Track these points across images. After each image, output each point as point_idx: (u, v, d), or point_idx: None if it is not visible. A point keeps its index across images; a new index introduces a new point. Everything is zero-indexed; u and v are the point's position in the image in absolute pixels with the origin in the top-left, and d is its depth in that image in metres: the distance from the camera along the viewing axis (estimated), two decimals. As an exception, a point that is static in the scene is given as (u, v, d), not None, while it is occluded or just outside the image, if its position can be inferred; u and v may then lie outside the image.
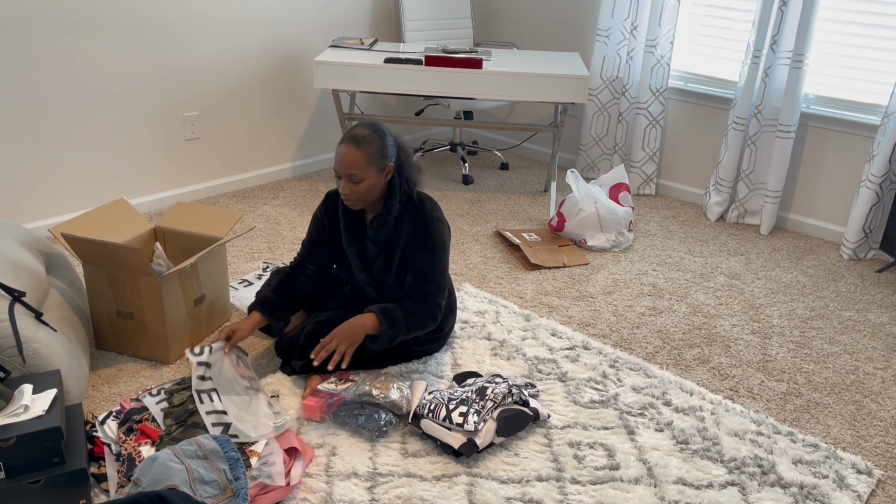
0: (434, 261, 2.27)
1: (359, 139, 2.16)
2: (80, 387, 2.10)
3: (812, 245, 3.67)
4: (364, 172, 2.16)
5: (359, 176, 2.16)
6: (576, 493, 1.95)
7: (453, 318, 2.55)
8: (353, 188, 2.18)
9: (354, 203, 2.23)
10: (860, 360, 2.68)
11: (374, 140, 2.18)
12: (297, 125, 4.17)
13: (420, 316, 2.26)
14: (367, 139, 2.17)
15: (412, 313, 2.25)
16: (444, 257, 2.30)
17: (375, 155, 2.17)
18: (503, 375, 2.30)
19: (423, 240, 2.27)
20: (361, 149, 2.15)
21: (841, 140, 3.59)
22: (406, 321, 2.23)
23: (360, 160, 2.15)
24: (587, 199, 3.45)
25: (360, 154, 2.15)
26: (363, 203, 2.24)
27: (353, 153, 2.15)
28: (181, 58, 3.52)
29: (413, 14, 4.26)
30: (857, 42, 3.45)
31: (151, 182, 3.62)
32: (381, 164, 2.19)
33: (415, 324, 2.26)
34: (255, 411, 2.07)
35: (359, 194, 2.20)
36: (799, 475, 2.06)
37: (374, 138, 2.18)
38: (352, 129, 2.20)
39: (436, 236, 2.28)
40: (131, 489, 1.74)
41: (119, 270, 2.32)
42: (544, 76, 3.45)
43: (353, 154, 2.15)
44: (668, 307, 2.98)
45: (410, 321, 2.25)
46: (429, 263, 2.27)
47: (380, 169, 2.20)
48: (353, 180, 2.17)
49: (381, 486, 1.94)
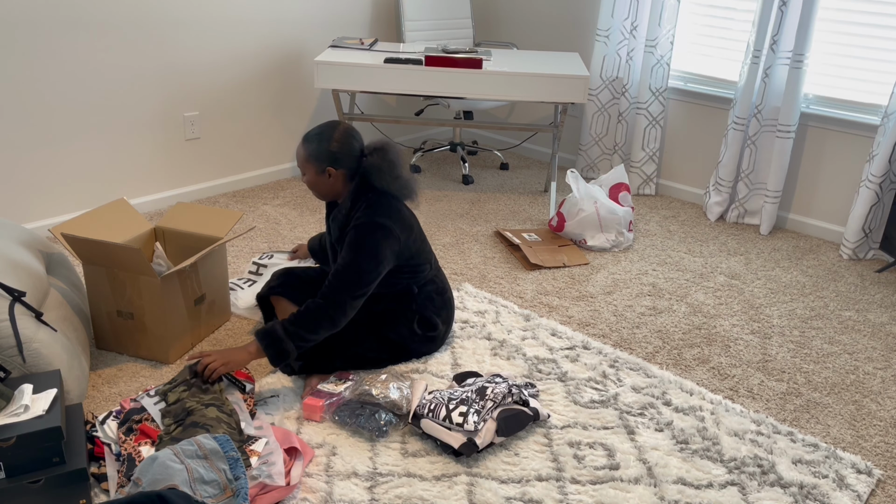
0: (350, 260, 2.21)
1: (307, 136, 2.31)
2: (80, 387, 2.10)
3: (812, 245, 3.67)
4: (303, 167, 2.31)
5: (301, 169, 2.33)
6: (576, 492, 1.95)
7: (449, 314, 2.53)
8: (304, 180, 2.34)
9: (315, 195, 2.37)
10: (860, 359, 2.68)
11: (315, 141, 2.29)
12: (297, 125, 4.17)
13: (311, 321, 2.16)
14: (312, 139, 2.29)
15: (300, 320, 2.15)
16: (366, 263, 2.20)
17: (313, 155, 2.28)
18: (503, 375, 2.30)
19: (350, 239, 2.25)
20: (304, 145, 2.30)
21: (841, 140, 3.59)
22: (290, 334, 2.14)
23: (301, 155, 2.31)
24: (587, 199, 3.45)
25: (301, 149, 2.31)
26: (320, 196, 2.37)
27: (298, 147, 2.32)
28: (181, 58, 3.52)
29: (413, 14, 4.26)
30: (857, 42, 3.45)
31: (151, 182, 3.62)
32: (319, 166, 2.29)
33: (306, 331, 2.16)
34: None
35: (308, 186, 2.34)
36: (799, 475, 2.06)
37: (315, 140, 2.29)
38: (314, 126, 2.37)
39: (360, 237, 2.22)
40: (131, 489, 1.74)
41: (119, 270, 2.32)
42: (544, 76, 3.45)
43: (298, 148, 2.32)
44: (667, 307, 2.98)
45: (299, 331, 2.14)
46: (344, 261, 2.22)
47: (318, 170, 2.30)
48: (301, 172, 2.35)
49: (381, 485, 1.94)
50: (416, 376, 2.40)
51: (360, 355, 2.36)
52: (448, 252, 3.36)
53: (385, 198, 2.30)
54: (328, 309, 2.17)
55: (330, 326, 2.19)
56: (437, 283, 2.48)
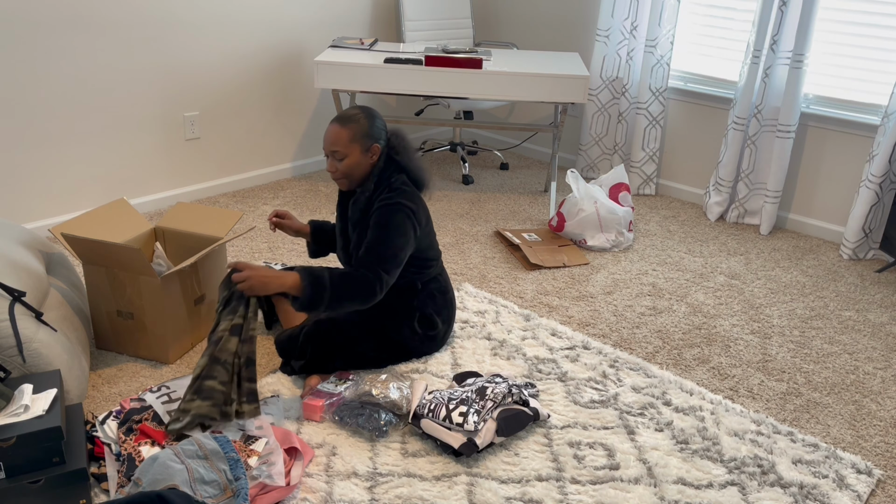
0: (382, 237, 2.22)
1: (345, 118, 2.27)
2: (80, 387, 2.10)
3: (812, 245, 3.67)
4: (346, 149, 2.25)
5: (341, 153, 2.25)
6: (576, 492, 1.95)
7: (450, 314, 2.53)
8: (336, 165, 2.28)
9: (340, 181, 2.32)
10: (860, 359, 2.68)
11: (361, 119, 2.27)
12: (297, 125, 4.17)
13: (352, 286, 2.15)
14: (354, 118, 2.27)
15: (344, 280, 2.14)
16: (397, 239, 2.22)
17: (359, 133, 2.25)
18: (503, 375, 2.30)
19: (378, 218, 2.26)
20: (346, 126, 2.25)
21: (841, 140, 3.59)
22: (333, 287, 2.12)
23: (344, 137, 2.25)
24: (587, 199, 3.45)
25: (344, 131, 2.25)
26: (348, 182, 2.31)
27: (337, 130, 2.25)
28: (181, 58, 3.52)
29: (413, 14, 4.26)
30: (857, 42, 3.45)
31: (151, 182, 3.62)
32: (365, 143, 2.27)
33: (345, 293, 2.14)
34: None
35: (342, 171, 2.28)
36: (799, 475, 2.06)
37: (360, 118, 2.27)
38: (341, 112, 2.31)
39: (389, 216, 2.24)
40: (131, 489, 1.74)
41: (119, 270, 2.32)
42: (544, 76, 3.45)
43: (338, 131, 2.25)
44: (667, 307, 2.98)
45: (339, 287, 2.13)
46: (376, 239, 2.23)
47: (364, 148, 2.27)
48: (337, 157, 2.26)
49: (381, 485, 1.94)
50: (416, 376, 2.40)
51: (360, 355, 2.36)
52: (448, 252, 3.36)
53: (407, 185, 2.33)
54: (365, 280, 2.16)
55: (362, 299, 2.16)
56: (440, 281, 2.49)
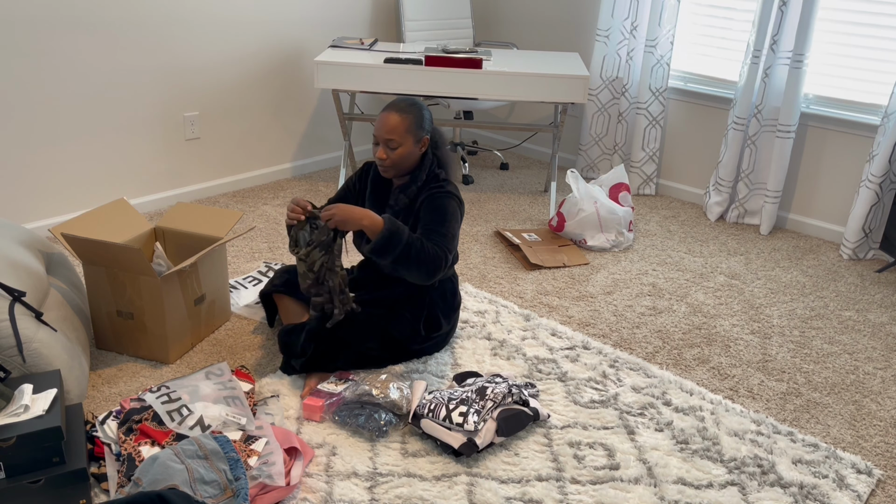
0: (442, 218, 2.29)
1: (403, 107, 2.31)
2: (80, 387, 2.10)
3: (812, 245, 3.67)
4: (402, 139, 2.29)
5: (396, 142, 2.28)
6: (576, 492, 1.95)
7: (455, 317, 2.55)
8: (389, 153, 2.30)
9: (387, 170, 2.34)
10: (860, 359, 2.68)
11: (416, 111, 2.32)
12: (297, 125, 4.17)
13: (425, 251, 2.20)
14: (409, 109, 2.31)
15: (420, 245, 2.20)
16: (453, 223, 2.31)
17: (414, 124, 2.30)
18: (503, 375, 2.30)
19: (434, 203, 2.32)
20: (404, 115, 2.29)
21: (841, 140, 3.59)
22: (408, 243, 2.18)
23: (401, 126, 2.28)
24: (587, 199, 3.45)
25: (401, 120, 2.28)
26: (395, 171, 2.34)
27: (395, 119, 2.28)
28: (181, 58, 3.52)
29: (413, 14, 4.26)
30: (857, 42, 3.45)
31: (151, 182, 3.62)
32: (418, 135, 2.32)
33: (416, 255, 2.19)
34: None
35: (393, 160, 2.31)
36: (799, 475, 2.06)
37: (415, 110, 2.32)
38: (394, 101, 2.35)
39: (444, 202, 2.32)
40: (131, 489, 1.74)
41: (119, 270, 2.32)
42: (544, 76, 3.45)
43: (396, 120, 2.28)
44: (667, 307, 2.98)
45: (413, 247, 2.18)
46: (437, 221, 2.29)
47: (416, 139, 2.32)
48: (391, 146, 2.29)
49: (381, 485, 1.94)
50: (416, 376, 2.40)
51: (362, 354, 2.37)
52: (448, 252, 3.37)
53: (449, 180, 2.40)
54: (436, 252, 2.21)
55: (426, 269, 2.20)
56: (453, 283, 2.52)
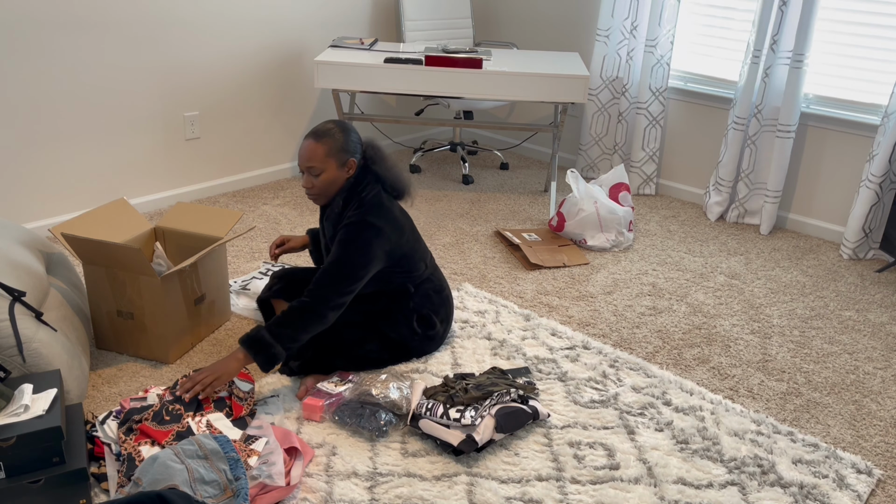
0: (339, 256, 2.19)
1: (320, 133, 2.23)
2: (80, 387, 2.10)
3: (812, 245, 3.67)
4: (323, 164, 2.22)
5: (318, 168, 2.22)
6: (576, 492, 1.95)
7: (447, 312, 2.52)
8: (313, 181, 2.24)
9: (316, 198, 2.28)
10: (860, 359, 2.68)
11: (336, 134, 2.23)
12: (297, 125, 4.17)
13: (298, 322, 2.13)
14: (329, 133, 2.23)
15: (288, 321, 2.12)
16: (358, 258, 2.19)
17: (335, 148, 2.22)
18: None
19: (342, 236, 2.22)
20: (321, 141, 2.21)
21: (841, 140, 3.59)
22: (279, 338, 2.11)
23: (319, 152, 2.21)
24: (587, 199, 3.45)
25: (319, 147, 2.21)
26: (324, 198, 2.29)
27: (312, 146, 2.21)
28: (181, 58, 3.52)
29: (413, 14, 4.26)
30: (857, 42, 3.45)
31: (151, 182, 3.62)
32: (341, 158, 2.24)
33: (295, 331, 2.13)
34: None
35: (319, 188, 2.25)
36: (799, 475, 2.06)
37: (335, 132, 2.24)
38: (314, 127, 2.27)
39: (351, 235, 2.21)
40: (131, 489, 1.74)
41: (119, 270, 2.32)
42: (544, 76, 3.45)
43: (312, 146, 2.21)
44: (668, 307, 2.98)
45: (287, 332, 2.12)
46: (333, 258, 2.20)
47: (340, 162, 2.24)
48: (313, 173, 2.23)
49: (381, 485, 1.94)
50: (416, 376, 2.40)
51: (361, 356, 2.36)
52: (448, 252, 3.36)
53: (377, 198, 2.28)
54: (314, 305, 2.14)
55: (318, 323, 2.15)
56: (434, 281, 2.48)
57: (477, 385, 2.18)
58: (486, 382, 2.21)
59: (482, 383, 2.20)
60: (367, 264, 2.21)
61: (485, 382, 2.21)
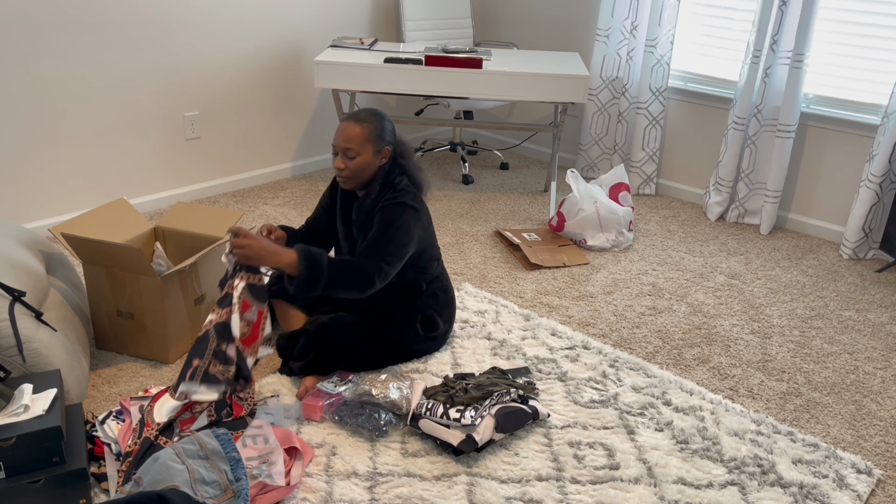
0: (384, 230, 2.23)
1: (361, 117, 2.28)
2: (80, 387, 2.10)
3: (812, 245, 3.67)
4: (360, 148, 2.25)
5: (354, 151, 2.25)
6: (576, 492, 1.95)
7: (450, 314, 2.54)
8: (347, 163, 2.27)
9: (346, 181, 2.30)
10: (860, 359, 2.68)
11: (375, 121, 2.28)
12: (297, 125, 4.17)
13: (350, 274, 2.15)
14: (369, 119, 2.27)
15: (343, 267, 2.14)
16: (401, 236, 2.23)
17: (373, 134, 2.26)
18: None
19: (383, 215, 2.26)
20: (362, 125, 2.25)
21: (841, 140, 3.59)
22: (331, 273, 2.11)
23: (359, 136, 2.24)
24: (587, 199, 3.45)
25: (360, 130, 2.25)
26: (354, 182, 2.30)
27: (353, 128, 2.25)
28: (181, 58, 3.52)
29: (413, 14, 4.26)
30: (857, 42, 3.45)
31: (151, 182, 3.62)
32: (377, 145, 2.27)
33: (342, 280, 2.13)
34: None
35: (352, 170, 2.27)
36: (799, 475, 2.06)
37: (375, 120, 2.28)
38: (354, 111, 2.31)
39: (395, 215, 2.25)
40: (132, 488, 1.74)
41: (119, 270, 2.32)
42: (544, 76, 3.45)
43: (354, 129, 2.25)
44: (668, 307, 2.98)
45: (337, 275, 2.12)
46: (380, 233, 2.23)
47: (376, 149, 2.28)
48: (349, 155, 2.25)
49: (381, 485, 1.94)
50: (416, 376, 2.40)
51: (362, 357, 2.36)
52: (448, 252, 3.36)
53: (409, 186, 2.34)
54: (366, 266, 2.16)
55: (360, 285, 2.15)
56: (442, 281, 2.51)
57: (477, 385, 2.19)
58: (486, 382, 2.21)
59: (482, 383, 2.20)
60: (408, 244, 2.26)
61: (485, 382, 2.21)
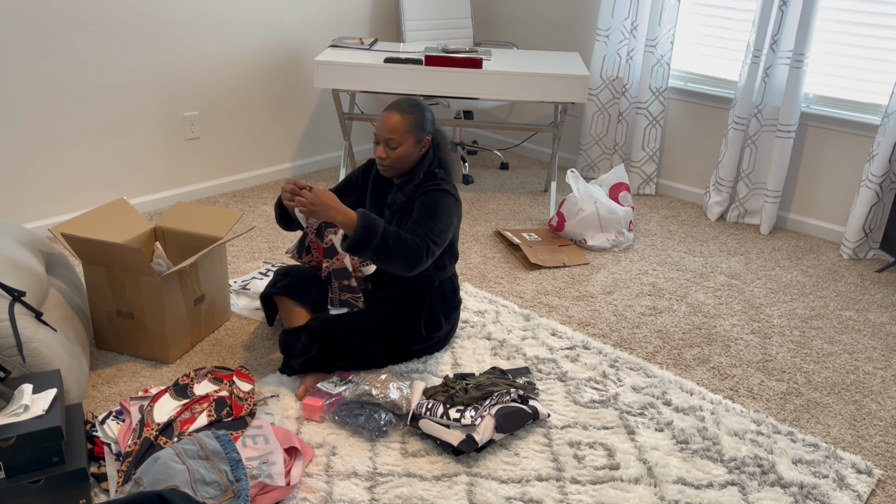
0: (431, 212, 2.27)
1: (403, 107, 2.32)
2: (80, 387, 2.10)
3: (812, 245, 3.67)
4: (402, 138, 2.29)
5: (397, 141, 2.29)
6: (576, 492, 1.95)
7: (455, 316, 2.55)
8: (389, 153, 2.31)
9: (387, 169, 2.34)
10: (860, 359, 2.68)
11: (417, 112, 2.32)
12: (297, 125, 4.17)
13: (403, 243, 2.16)
14: (411, 110, 2.32)
15: (397, 237, 2.16)
16: (443, 217, 2.28)
17: (415, 125, 2.30)
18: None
19: (427, 199, 2.31)
20: (404, 115, 2.30)
21: (841, 140, 3.59)
22: (384, 236, 2.14)
23: (401, 126, 2.29)
24: (587, 199, 3.45)
25: (402, 120, 2.29)
26: (394, 170, 2.35)
27: (396, 118, 2.29)
28: (181, 58, 3.52)
29: (413, 14, 4.26)
30: (857, 42, 3.45)
31: (151, 182, 3.62)
32: (418, 135, 2.32)
33: (394, 249, 2.15)
34: None
35: (393, 159, 2.31)
36: (799, 475, 2.06)
37: (417, 110, 2.33)
38: (397, 100, 2.35)
39: (437, 197, 2.30)
40: (132, 488, 1.74)
41: (119, 270, 2.32)
42: (544, 76, 3.45)
43: (397, 119, 2.29)
44: (668, 307, 2.98)
45: (390, 239, 2.14)
46: (425, 214, 2.27)
47: (417, 139, 2.32)
48: (391, 145, 2.30)
49: (381, 485, 1.94)
50: (416, 376, 2.40)
51: (364, 355, 2.37)
52: (448, 252, 3.37)
53: (448, 176, 2.40)
54: (416, 243, 2.17)
55: (407, 261, 2.16)
56: (454, 282, 2.53)
57: (477, 385, 2.19)
58: (486, 382, 2.21)
59: (482, 383, 2.20)
60: (450, 228, 2.30)
61: (485, 382, 2.21)
